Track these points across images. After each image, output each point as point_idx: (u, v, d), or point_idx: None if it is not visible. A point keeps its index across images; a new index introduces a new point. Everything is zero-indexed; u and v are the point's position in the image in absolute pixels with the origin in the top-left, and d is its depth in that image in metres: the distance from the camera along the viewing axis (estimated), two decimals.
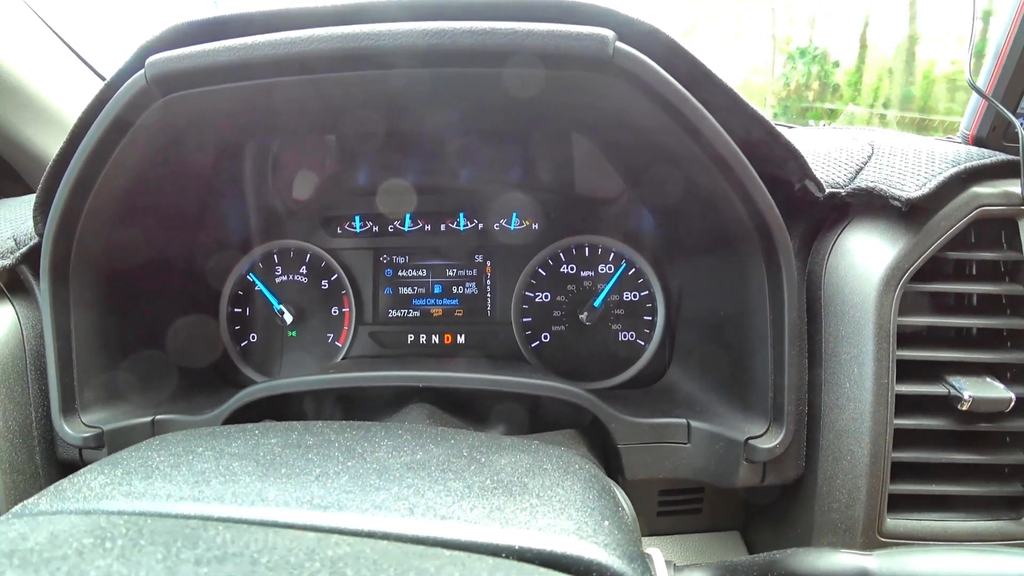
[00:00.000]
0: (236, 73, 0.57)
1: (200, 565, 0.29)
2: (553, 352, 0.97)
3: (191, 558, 0.30)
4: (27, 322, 0.74)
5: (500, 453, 0.46)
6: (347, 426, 0.51)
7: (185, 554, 0.30)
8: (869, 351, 0.63)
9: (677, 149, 0.64)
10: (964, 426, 0.64)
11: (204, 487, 0.39)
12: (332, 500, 0.37)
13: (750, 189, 0.60)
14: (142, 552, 0.30)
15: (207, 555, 0.30)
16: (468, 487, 0.39)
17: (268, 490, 0.38)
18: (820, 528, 0.67)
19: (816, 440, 0.67)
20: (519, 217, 0.98)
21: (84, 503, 0.39)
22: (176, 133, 0.67)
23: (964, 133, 0.75)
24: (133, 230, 0.75)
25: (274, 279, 0.98)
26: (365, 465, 0.42)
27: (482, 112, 0.76)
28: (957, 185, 0.64)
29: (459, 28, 0.53)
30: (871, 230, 0.67)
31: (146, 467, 0.43)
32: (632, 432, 0.70)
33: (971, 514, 0.65)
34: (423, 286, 0.99)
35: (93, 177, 0.64)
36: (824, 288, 0.68)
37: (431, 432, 0.50)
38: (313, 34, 0.55)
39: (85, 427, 0.70)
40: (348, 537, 0.33)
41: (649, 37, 0.58)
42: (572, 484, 0.42)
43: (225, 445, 0.46)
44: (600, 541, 0.35)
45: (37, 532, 0.33)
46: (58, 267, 0.68)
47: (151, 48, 0.59)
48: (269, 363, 0.98)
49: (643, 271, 0.96)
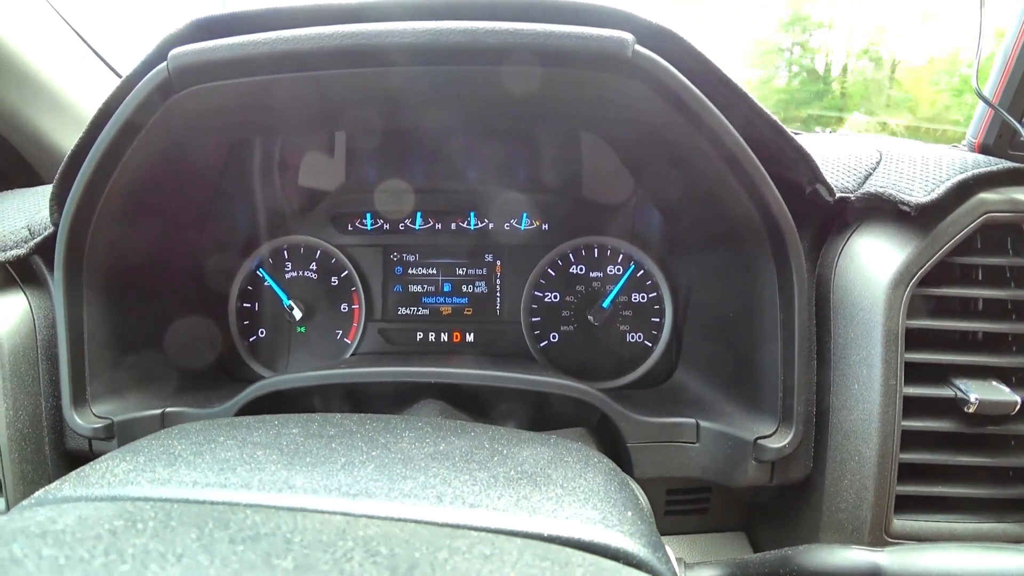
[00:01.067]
0: (256, 67, 0.58)
1: (235, 544, 0.30)
2: (561, 352, 0.97)
3: (225, 537, 0.30)
4: (39, 312, 0.74)
5: (521, 446, 0.46)
6: (367, 418, 0.52)
7: (219, 534, 0.30)
8: (877, 353, 0.64)
9: (688, 146, 0.65)
10: (970, 428, 0.65)
11: (230, 474, 0.39)
12: (360, 488, 0.37)
13: (760, 187, 0.61)
14: (175, 532, 0.31)
15: (240, 535, 0.31)
16: (494, 477, 0.40)
17: (295, 478, 0.39)
18: (827, 528, 0.68)
19: (824, 440, 0.68)
20: (529, 217, 0.99)
21: (109, 489, 0.39)
22: (185, 130, 0.67)
23: (970, 141, 0.77)
24: (144, 224, 0.76)
25: (284, 275, 0.98)
26: (390, 455, 0.42)
27: (493, 112, 0.76)
28: (964, 191, 0.65)
29: (486, 28, 0.54)
30: (880, 234, 0.68)
31: (169, 455, 0.43)
32: (642, 431, 0.70)
33: (977, 516, 0.66)
34: (433, 284, 1.00)
35: (111, 169, 0.65)
36: (833, 291, 0.69)
37: (451, 424, 0.51)
38: (336, 30, 0.56)
39: (95, 418, 0.70)
40: (377, 520, 0.33)
41: (665, 39, 0.59)
42: (594, 476, 0.42)
43: (247, 435, 0.47)
44: (626, 530, 0.36)
45: (65, 516, 0.33)
46: (72, 258, 0.68)
47: (174, 41, 0.60)
48: (277, 359, 0.98)
49: (651, 272, 0.96)
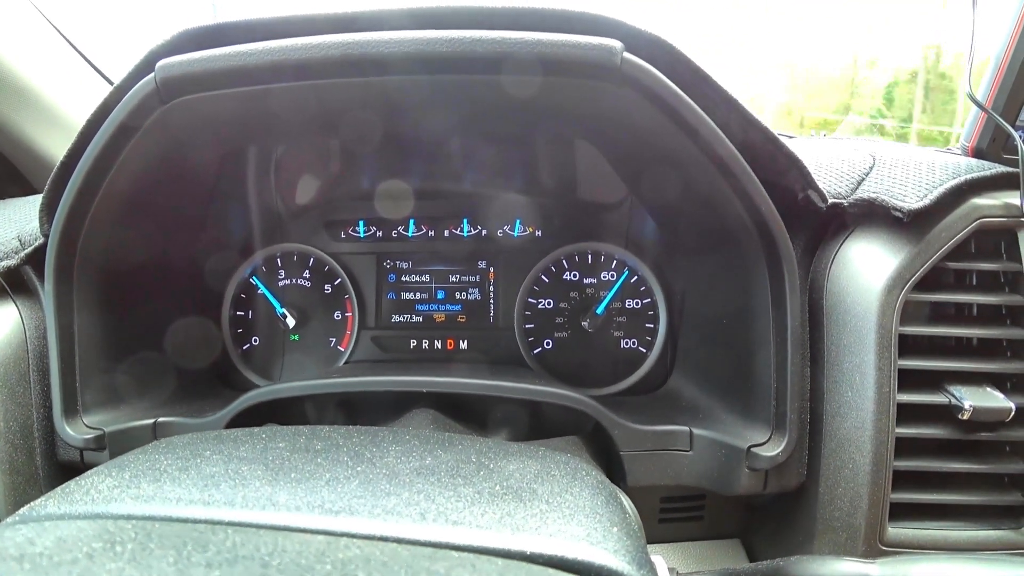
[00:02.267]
0: (244, 78, 0.58)
1: (211, 568, 0.29)
2: (555, 358, 0.97)
3: (202, 561, 0.30)
4: (30, 322, 0.74)
5: (508, 459, 0.46)
6: (354, 431, 0.51)
7: (196, 557, 0.30)
8: (871, 360, 0.63)
9: (679, 153, 0.64)
10: (965, 435, 0.64)
11: (214, 491, 0.39)
12: (343, 505, 0.37)
13: (752, 194, 0.61)
14: (152, 556, 0.31)
15: (218, 558, 0.30)
16: (478, 493, 0.39)
17: (278, 494, 0.38)
18: (822, 536, 0.67)
19: (818, 448, 0.68)
20: (523, 223, 0.99)
21: (92, 506, 0.39)
22: (179, 137, 0.67)
23: (964, 145, 0.76)
24: (136, 232, 0.75)
25: (277, 282, 0.98)
26: (374, 470, 0.42)
27: (486, 118, 0.76)
28: (958, 196, 0.65)
29: (474, 37, 0.54)
30: (873, 240, 0.68)
31: (154, 470, 0.43)
32: (635, 439, 0.70)
33: (972, 523, 0.65)
34: (426, 291, 0.99)
35: (100, 179, 0.64)
36: (826, 297, 0.69)
37: (438, 438, 0.51)
38: (323, 40, 0.56)
39: (87, 428, 0.70)
40: (358, 540, 0.33)
41: (654, 46, 0.59)
42: (580, 490, 0.42)
43: (233, 449, 0.46)
44: (610, 547, 0.35)
45: (44, 537, 0.33)
46: (63, 268, 0.68)
47: (161, 52, 0.60)
48: (270, 366, 0.98)
49: (645, 278, 0.96)
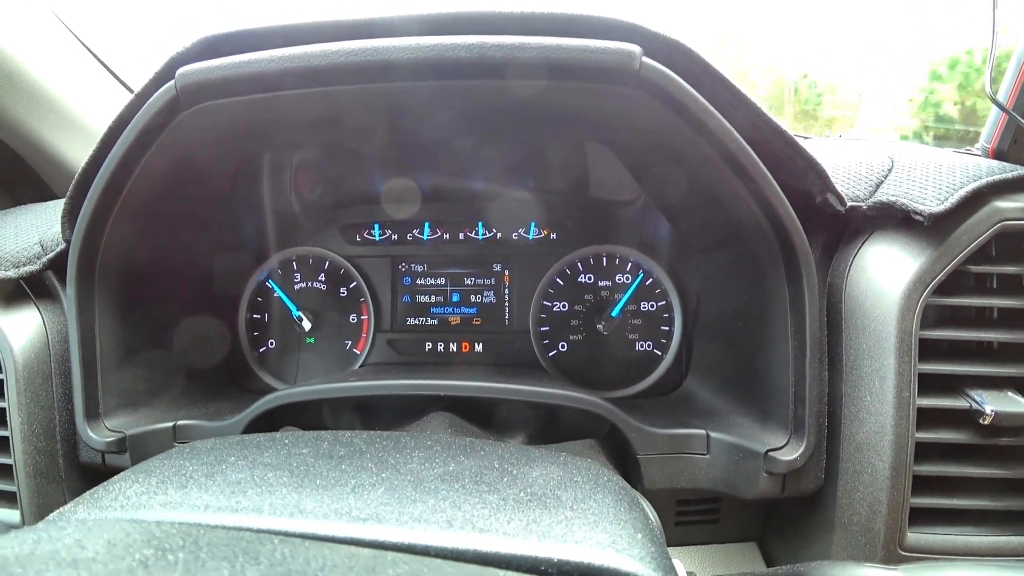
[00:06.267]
0: (263, 84, 0.58)
1: None
2: (570, 361, 0.97)
3: (256, 574, 0.30)
4: (52, 327, 0.75)
5: (530, 465, 0.46)
6: (376, 436, 0.52)
7: (250, 570, 0.30)
8: (890, 364, 0.63)
9: (696, 156, 0.64)
10: (986, 440, 0.64)
11: (241, 497, 0.40)
12: (370, 512, 0.37)
13: (770, 197, 0.61)
14: (206, 568, 0.30)
15: (271, 571, 0.30)
16: (503, 499, 0.39)
17: (305, 501, 0.39)
18: (840, 541, 0.67)
19: (836, 452, 0.67)
20: (537, 226, 0.99)
21: (121, 512, 0.40)
22: (197, 143, 0.68)
23: (984, 146, 0.75)
24: (155, 237, 0.76)
25: (292, 286, 0.99)
26: (399, 477, 0.42)
27: (501, 121, 0.76)
28: (978, 199, 0.64)
29: (494, 43, 0.54)
30: (892, 243, 0.67)
31: (180, 476, 0.44)
32: (652, 442, 0.70)
33: (993, 529, 0.64)
34: (441, 294, 1.00)
35: (121, 184, 0.65)
36: (845, 301, 0.68)
37: (460, 443, 0.51)
38: (341, 47, 0.56)
39: (108, 431, 0.71)
40: (406, 556, 0.33)
41: (673, 50, 0.58)
42: (603, 497, 0.42)
43: (257, 455, 0.47)
44: (636, 554, 0.35)
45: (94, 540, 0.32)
46: (84, 273, 0.69)
47: (180, 60, 0.60)
48: (286, 369, 0.99)
49: (660, 281, 0.96)
